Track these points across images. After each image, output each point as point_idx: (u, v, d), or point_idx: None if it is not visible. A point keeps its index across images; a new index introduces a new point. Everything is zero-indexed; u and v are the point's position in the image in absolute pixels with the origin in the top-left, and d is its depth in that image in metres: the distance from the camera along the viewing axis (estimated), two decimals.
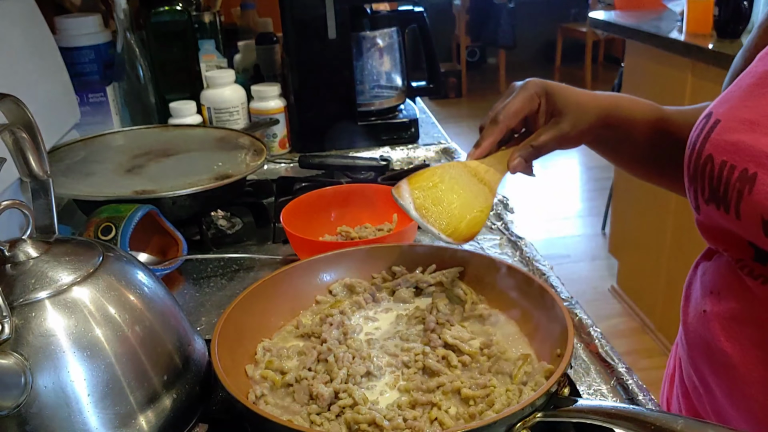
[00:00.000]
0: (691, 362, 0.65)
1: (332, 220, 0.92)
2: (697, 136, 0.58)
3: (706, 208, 0.57)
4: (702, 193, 0.57)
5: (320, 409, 0.53)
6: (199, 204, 0.91)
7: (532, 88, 0.67)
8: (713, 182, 0.55)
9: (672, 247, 2.12)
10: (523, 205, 3.44)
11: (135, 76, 1.27)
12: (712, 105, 0.59)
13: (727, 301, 0.59)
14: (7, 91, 0.54)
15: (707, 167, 0.55)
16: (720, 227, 0.57)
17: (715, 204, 0.55)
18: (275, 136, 1.28)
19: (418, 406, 0.53)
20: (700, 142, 0.57)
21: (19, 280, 0.50)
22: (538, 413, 0.47)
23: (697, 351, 0.63)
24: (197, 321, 0.77)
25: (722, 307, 0.59)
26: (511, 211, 1.00)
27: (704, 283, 0.63)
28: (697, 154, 0.57)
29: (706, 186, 0.56)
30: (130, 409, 0.51)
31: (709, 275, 0.63)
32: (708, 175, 0.55)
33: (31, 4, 1.07)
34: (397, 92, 1.36)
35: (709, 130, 0.56)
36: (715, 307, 0.60)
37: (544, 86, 0.67)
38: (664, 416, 0.43)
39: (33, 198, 0.57)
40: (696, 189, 0.58)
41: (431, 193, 0.62)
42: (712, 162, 0.55)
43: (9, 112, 0.54)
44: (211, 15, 1.43)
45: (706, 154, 0.56)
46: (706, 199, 0.56)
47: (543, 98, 0.67)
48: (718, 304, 0.60)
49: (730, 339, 0.58)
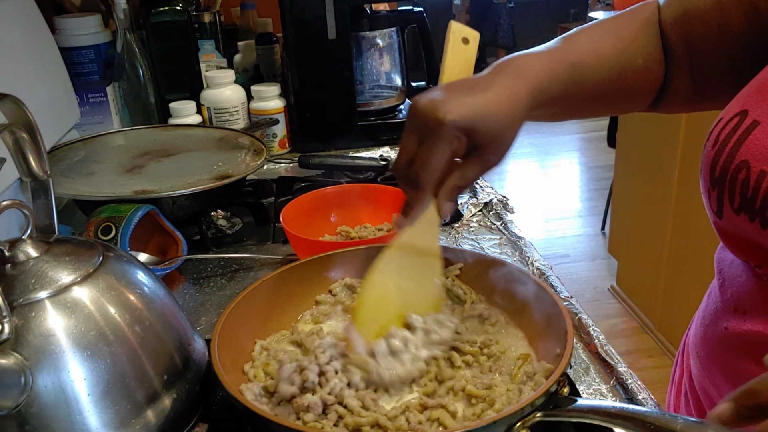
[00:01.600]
0: (708, 375, 0.62)
1: (332, 220, 0.92)
2: (727, 135, 0.52)
3: (734, 216, 0.52)
4: (731, 201, 0.52)
5: (316, 417, 0.53)
6: (199, 204, 0.91)
7: (451, 131, 0.51)
8: (747, 192, 0.50)
9: (672, 247, 2.12)
10: (523, 205, 3.45)
11: (135, 76, 1.27)
12: (744, 101, 0.53)
13: (754, 323, 0.55)
14: (7, 91, 0.54)
15: (740, 174, 0.50)
16: (748, 238, 0.52)
17: (747, 216, 0.50)
18: (275, 136, 1.28)
19: (429, 408, 0.52)
20: (732, 144, 0.51)
21: (19, 280, 0.50)
22: (537, 413, 0.47)
23: (715, 365, 0.60)
24: (197, 321, 0.77)
25: (747, 327, 0.55)
26: (511, 211, 1.00)
27: (725, 295, 0.59)
28: (728, 156, 0.51)
29: (737, 194, 0.51)
30: (130, 409, 0.51)
31: (731, 290, 0.58)
32: (741, 183, 0.50)
33: (31, 4, 1.07)
34: (397, 92, 1.36)
35: (745, 131, 0.51)
36: (739, 326, 0.56)
37: (465, 122, 0.51)
38: (664, 416, 0.43)
39: (33, 198, 0.57)
40: (721, 194, 0.52)
41: (378, 325, 0.56)
42: (748, 170, 0.49)
43: (9, 112, 0.54)
44: (210, 15, 1.43)
45: (741, 159, 0.50)
46: (735, 208, 0.51)
47: (464, 138, 0.52)
48: (744, 323, 0.55)
49: (758, 363, 0.52)
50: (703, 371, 0.63)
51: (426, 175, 0.52)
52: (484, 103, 0.52)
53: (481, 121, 0.52)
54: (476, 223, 0.98)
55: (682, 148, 1.97)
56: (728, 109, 0.54)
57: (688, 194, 1.99)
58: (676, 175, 2.02)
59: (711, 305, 0.62)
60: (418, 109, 0.52)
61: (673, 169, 2.03)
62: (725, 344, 0.58)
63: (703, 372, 0.63)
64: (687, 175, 1.98)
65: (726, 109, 0.55)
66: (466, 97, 0.52)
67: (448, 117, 0.50)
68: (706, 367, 0.62)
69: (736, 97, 0.55)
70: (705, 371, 0.62)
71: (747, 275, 0.56)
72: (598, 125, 4.24)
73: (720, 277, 0.61)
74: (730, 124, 0.53)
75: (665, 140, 2.05)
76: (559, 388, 0.50)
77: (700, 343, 0.63)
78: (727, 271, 0.60)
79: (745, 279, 0.56)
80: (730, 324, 0.57)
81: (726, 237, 0.56)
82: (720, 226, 0.56)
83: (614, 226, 2.65)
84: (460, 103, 0.51)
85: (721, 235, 0.57)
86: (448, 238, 0.94)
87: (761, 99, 0.51)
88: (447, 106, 0.51)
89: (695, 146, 1.91)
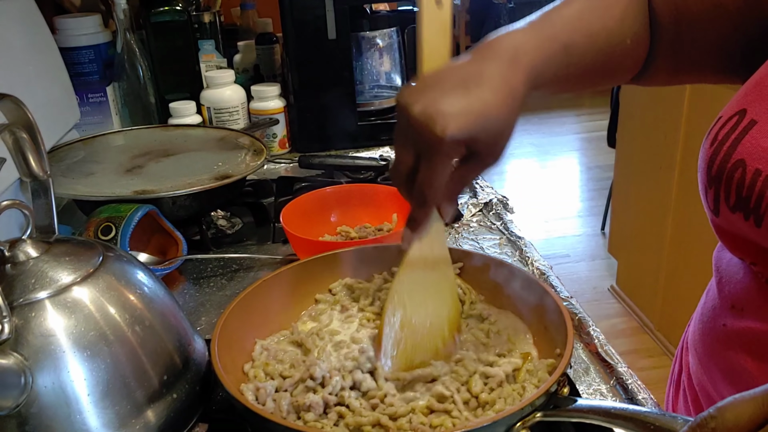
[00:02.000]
0: (706, 372, 0.62)
1: (332, 220, 0.92)
2: (725, 135, 0.52)
3: (729, 215, 0.52)
4: (726, 199, 0.52)
5: (317, 417, 0.53)
6: (199, 204, 0.91)
7: (452, 146, 0.48)
8: (742, 190, 0.50)
9: (671, 247, 2.12)
10: (523, 205, 3.44)
11: (135, 76, 1.27)
12: (743, 99, 0.53)
13: (750, 320, 0.55)
14: (7, 91, 0.54)
15: (736, 173, 0.50)
16: (743, 236, 0.52)
17: (742, 214, 0.50)
18: (275, 136, 1.28)
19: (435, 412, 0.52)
20: (730, 143, 0.51)
21: (19, 280, 0.50)
22: (537, 413, 0.47)
23: (713, 362, 0.60)
24: (197, 321, 0.77)
25: (744, 324, 0.55)
26: (511, 211, 1.00)
27: (723, 293, 0.59)
28: (725, 155, 0.51)
29: (732, 192, 0.51)
30: (130, 409, 0.51)
31: (728, 287, 0.58)
32: (737, 181, 0.50)
33: (31, 4, 1.07)
34: (397, 92, 1.36)
35: (743, 130, 0.51)
36: (736, 323, 0.56)
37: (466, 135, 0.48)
38: (664, 416, 0.43)
39: (33, 198, 0.57)
40: (718, 192, 0.53)
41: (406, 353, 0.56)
42: (744, 168, 0.50)
43: (9, 112, 0.54)
44: (211, 15, 1.43)
45: (737, 158, 0.50)
46: (731, 207, 0.51)
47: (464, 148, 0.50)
48: (740, 320, 0.56)
49: (754, 358, 0.54)
50: (701, 368, 0.63)
51: (432, 192, 0.50)
52: (483, 108, 0.48)
53: (482, 130, 0.48)
54: (476, 223, 0.98)
55: (682, 148, 1.97)
56: (728, 108, 0.54)
57: (688, 194, 1.99)
58: (676, 175, 2.02)
59: (709, 303, 0.62)
60: (411, 120, 0.48)
61: (673, 169, 2.03)
62: (723, 341, 0.58)
63: (701, 369, 0.63)
64: (687, 175, 1.98)
65: (726, 108, 0.54)
66: (461, 101, 0.48)
67: (447, 133, 0.46)
68: (704, 364, 0.62)
69: (736, 95, 0.55)
70: (703, 368, 0.62)
71: (743, 273, 0.56)
72: (598, 125, 4.24)
73: (718, 274, 0.61)
74: (729, 123, 0.52)
75: (665, 140, 2.05)
76: (559, 388, 0.50)
77: (699, 340, 0.63)
78: (724, 269, 0.60)
79: (742, 276, 0.57)
80: (728, 321, 0.57)
81: (723, 235, 0.56)
82: (717, 224, 0.55)
83: (614, 226, 2.65)
84: (457, 111, 0.47)
85: (718, 233, 0.57)
86: (448, 238, 0.94)
87: (760, 98, 0.51)
88: (445, 119, 0.47)
89: (695, 146, 1.91)
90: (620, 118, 2.43)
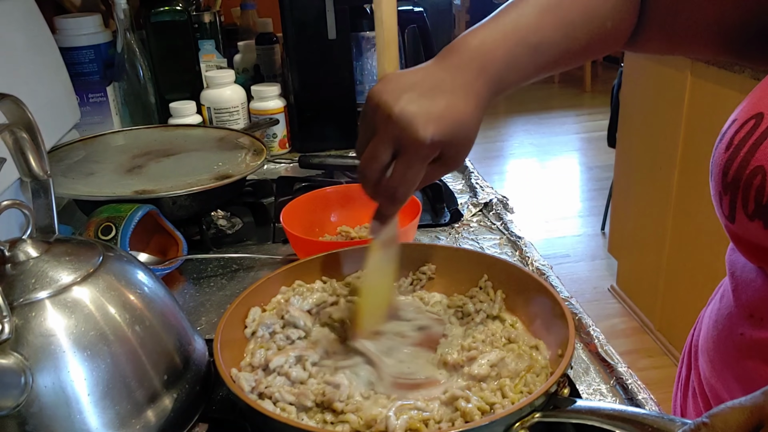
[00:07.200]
0: (720, 378, 0.60)
1: (332, 220, 0.92)
2: (741, 139, 0.50)
3: (747, 222, 0.50)
4: (744, 207, 0.50)
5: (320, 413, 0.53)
6: (199, 204, 0.91)
7: (431, 149, 0.50)
8: (762, 198, 0.48)
9: (672, 247, 2.12)
10: (523, 205, 3.45)
11: (135, 76, 1.27)
12: (759, 102, 0.51)
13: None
14: (7, 91, 0.54)
15: (755, 180, 0.48)
16: (761, 244, 0.51)
17: (762, 222, 0.49)
18: (275, 136, 1.28)
19: None
20: (747, 149, 0.49)
21: (19, 280, 0.50)
22: (536, 413, 0.47)
23: (728, 369, 0.58)
24: (197, 321, 0.77)
25: (764, 335, 0.53)
26: (511, 211, 1.00)
27: (739, 300, 0.57)
28: (742, 161, 0.50)
29: (751, 200, 0.49)
30: (130, 409, 0.51)
31: (746, 295, 0.56)
32: (756, 188, 0.48)
33: (31, 4, 1.07)
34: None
35: (761, 135, 0.49)
36: (756, 333, 0.54)
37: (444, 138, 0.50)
38: (663, 418, 0.43)
39: (33, 198, 0.57)
40: (734, 199, 0.51)
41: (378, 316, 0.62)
42: (764, 175, 0.48)
43: (9, 112, 0.54)
44: (211, 15, 1.43)
45: (756, 164, 0.48)
46: (749, 214, 0.50)
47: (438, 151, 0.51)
48: (760, 330, 0.54)
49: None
50: (715, 374, 0.61)
51: (406, 191, 0.52)
52: (457, 115, 0.51)
53: (456, 135, 0.51)
54: (476, 223, 0.98)
55: (682, 148, 1.97)
56: (743, 111, 0.52)
57: (688, 194, 1.99)
58: (676, 175, 2.02)
59: (724, 309, 0.60)
60: (393, 119, 0.50)
61: (673, 169, 2.03)
62: (741, 350, 0.56)
63: (715, 375, 0.61)
64: (687, 175, 1.98)
65: (740, 111, 0.53)
66: (438, 105, 0.50)
67: (429, 136, 0.49)
68: (719, 370, 0.60)
69: (749, 97, 0.53)
70: (717, 374, 0.61)
71: (762, 280, 0.55)
72: (598, 125, 4.24)
73: (733, 280, 0.59)
74: (745, 127, 0.51)
75: (665, 140, 2.05)
76: (559, 389, 0.50)
77: (713, 347, 0.61)
78: (740, 275, 0.58)
79: (760, 284, 0.55)
80: (746, 330, 0.56)
81: (738, 241, 0.55)
82: (732, 230, 0.54)
83: (614, 226, 2.65)
84: (438, 115, 0.50)
85: (733, 239, 0.56)
86: (448, 238, 0.94)
87: None
88: (427, 124, 0.49)
89: (695, 146, 1.91)
90: (620, 118, 2.43)
